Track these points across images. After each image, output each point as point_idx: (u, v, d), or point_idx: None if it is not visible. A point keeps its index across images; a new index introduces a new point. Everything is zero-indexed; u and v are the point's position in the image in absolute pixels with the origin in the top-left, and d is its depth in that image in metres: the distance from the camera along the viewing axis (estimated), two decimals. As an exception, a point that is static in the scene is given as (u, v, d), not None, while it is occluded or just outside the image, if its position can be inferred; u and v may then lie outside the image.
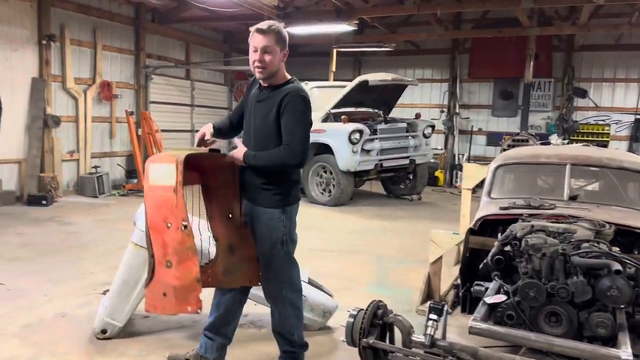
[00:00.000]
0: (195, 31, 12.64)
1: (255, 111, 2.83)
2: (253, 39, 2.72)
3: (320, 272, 4.97)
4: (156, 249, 2.55)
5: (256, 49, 2.71)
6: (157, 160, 2.63)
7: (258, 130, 2.81)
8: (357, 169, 8.80)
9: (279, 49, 2.73)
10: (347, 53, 13.13)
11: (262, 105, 2.80)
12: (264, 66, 2.70)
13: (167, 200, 2.48)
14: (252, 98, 2.89)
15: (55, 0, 8.94)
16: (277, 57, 2.73)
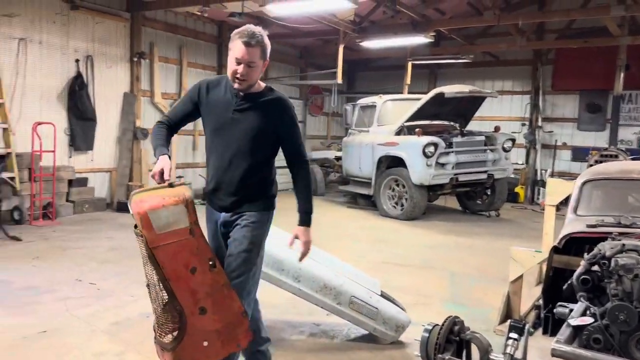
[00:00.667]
0: (274, 48, 12.88)
1: (235, 121, 2.63)
2: (236, 49, 2.52)
3: (392, 285, 4.92)
4: (183, 299, 2.27)
5: (239, 62, 2.52)
6: (155, 205, 2.23)
7: (241, 140, 2.62)
8: (431, 182, 8.65)
9: (262, 62, 2.59)
10: (423, 65, 13.01)
11: (244, 114, 2.63)
12: (245, 79, 2.55)
13: (185, 245, 2.27)
14: (224, 105, 2.65)
15: (146, 20, 9.61)
16: (260, 70, 2.60)
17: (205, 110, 2.71)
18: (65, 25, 8.31)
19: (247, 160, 2.64)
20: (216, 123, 2.67)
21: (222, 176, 2.66)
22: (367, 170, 9.81)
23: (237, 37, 2.53)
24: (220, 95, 2.68)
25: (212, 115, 2.68)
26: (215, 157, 2.70)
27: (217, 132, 2.67)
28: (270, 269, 3.45)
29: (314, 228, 6.02)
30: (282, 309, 4.28)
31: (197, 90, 2.72)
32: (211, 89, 2.70)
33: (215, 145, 2.70)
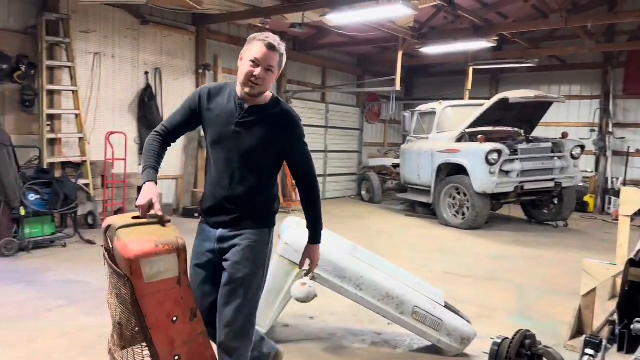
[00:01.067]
0: (331, 56, 13.18)
1: (238, 134, 2.41)
2: (257, 50, 2.32)
3: (456, 297, 4.83)
4: (160, 347, 2.16)
5: (258, 64, 2.32)
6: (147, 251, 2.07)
7: (244, 156, 2.42)
8: (495, 191, 8.40)
9: (277, 71, 2.41)
10: (484, 70, 12.70)
11: (248, 128, 2.41)
12: (259, 84, 2.35)
13: (170, 294, 2.14)
14: (226, 116, 2.43)
15: (210, 33, 9.97)
16: (274, 79, 2.43)
17: (205, 120, 2.48)
18: (135, 39, 8.77)
19: (249, 178, 2.44)
20: (216, 135, 2.45)
21: (222, 192, 2.46)
22: (426, 177, 9.67)
23: (259, 39, 2.35)
24: (222, 104, 2.46)
25: (213, 127, 2.46)
26: (215, 172, 2.50)
27: (217, 145, 2.46)
28: (332, 276, 3.47)
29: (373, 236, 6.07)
30: (342, 316, 4.29)
31: (197, 97, 2.49)
32: (213, 96, 2.48)
33: (215, 158, 2.49)
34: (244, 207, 2.47)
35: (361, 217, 10.12)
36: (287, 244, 3.50)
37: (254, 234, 2.47)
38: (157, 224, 2.23)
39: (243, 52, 2.40)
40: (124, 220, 2.22)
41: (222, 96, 2.47)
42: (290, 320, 4.13)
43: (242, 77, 2.36)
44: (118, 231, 2.13)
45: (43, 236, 6.41)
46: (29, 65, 7.21)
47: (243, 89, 2.39)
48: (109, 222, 2.25)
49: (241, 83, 2.39)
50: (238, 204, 2.46)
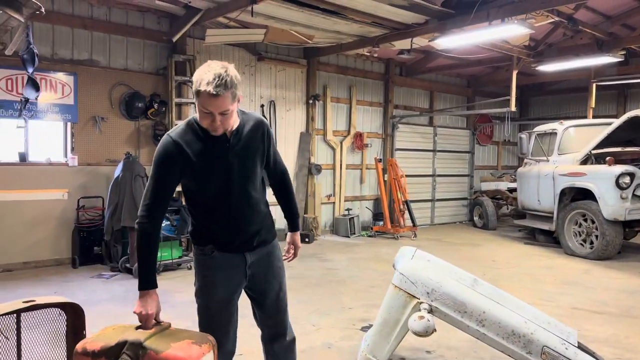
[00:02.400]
0: (439, 79, 12.98)
1: (232, 160, 2.40)
2: (203, 101, 2.22)
3: (588, 336, 4.43)
4: None
5: (211, 113, 2.24)
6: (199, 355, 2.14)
7: (243, 174, 2.45)
8: (627, 218, 7.63)
9: (235, 104, 2.31)
10: (610, 86, 11.70)
11: (239, 150, 2.42)
12: (222, 126, 2.31)
13: None
14: (211, 151, 2.37)
15: (320, 65, 10.33)
16: (235, 112, 2.34)
17: (189, 169, 2.37)
18: (252, 75, 9.35)
19: (247, 190, 2.48)
20: (208, 173, 2.40)
21: (235, 217, 2.48)
22: (547, 203, 9.04)
23: (200, 85, 2.19)
24: (200, 144, 2.37)
25: (201, 170, 2.38)
26: (215, 204, 2.46)
27: (210, 181, 2.41)
28: (452, 310, 3.35)
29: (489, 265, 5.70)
30: (461, 351, 4.11)
31: (173, 155, 2.34)
32: (184, 145, 2.35)
33: (209, 194, 2.44)
34: (258, 224, 2.56)
35: (475, 244, 9.70)
36: (404, 275, 3.45)
37: (275, 247, 2.68)
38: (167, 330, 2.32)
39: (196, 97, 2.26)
40: (138, 334, 2.20)
41: (191, 137, 2.37)
42: (406, 353, 4.05)
43: (204, 125, 2.31)
44: (147, 343, 2.14)
45: (172, 259, 6.96)
46: (160, 103, 7.99)
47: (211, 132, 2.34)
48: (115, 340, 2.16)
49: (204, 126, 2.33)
50: (253, 222, 2.53)
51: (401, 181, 10.55)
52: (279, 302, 2.71)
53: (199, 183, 2.43)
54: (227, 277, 2.53)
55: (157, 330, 2.29)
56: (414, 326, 3.22)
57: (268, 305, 2.69)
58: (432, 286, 3.38)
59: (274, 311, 2.71)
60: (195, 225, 2.57)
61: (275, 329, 2.78)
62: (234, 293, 2.58)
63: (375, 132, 11.57)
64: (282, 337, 2.80)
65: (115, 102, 7.77)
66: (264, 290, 2.65)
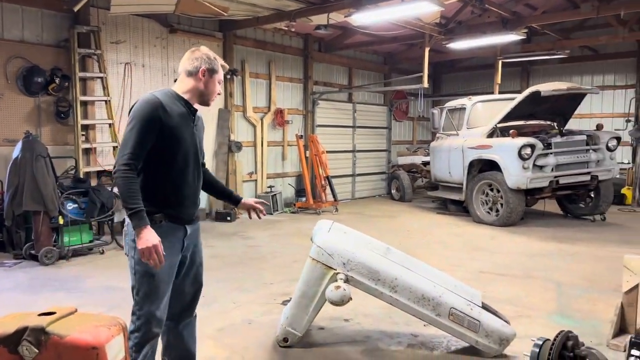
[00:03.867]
0: (357, 56, 13.14)
1: (194, 133, 2.71)
2: (221, 74, 2.77)
3: (493, 297, 4.76)
4: None
5: (220, 82, 2.80)
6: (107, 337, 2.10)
7: (200, 149, 2.81)
8: (529, 186, 8.23)
9: None
10: (514, 63, 12.45)
11: (197, 127, 2.77)
12: None
13: None
14: (185, 122, 2.63)
15: (237, 38, 10.08)
16: None
17: (167, 128, 2.54)
18: (164, 48, 8.94)
19: (199, 169, 2.80)
20: (179, 139, 2.60)
21: (188, 189, 2.69)
22: (457, 174, 9.54)
23: (222, 64, 2.76)
24: (177, 111, 2.61)
25: (175, 132, 2.58)
26: (176, 173, 2.63)
27: (179, 147, 2.61)
28: (366, 278, 3.46)
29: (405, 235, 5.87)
30: (377, 318, 4.27)
31: (158, 112, 2.52)
32: (167, 106, 2.56)
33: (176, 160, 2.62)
34: (198, 199, 2.83)
35: (392, 216, 10.06)
36: (321, 248, 3.51)
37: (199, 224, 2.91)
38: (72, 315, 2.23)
39: (215, 73, 2.69)
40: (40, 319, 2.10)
41: (172, 104, 2.61)
42: (325, 323, 4.14)
43: (213, 95, 2.74)
44: (50, 328, 2.05)
45: (81, 244, 6.60)
46: (62, 77, 7.43)
47: (204, 101, 2.73)
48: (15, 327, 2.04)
49: (211, 99, 2.75)
50: (198, 197, 2.81)
51: (322, 157, 10.66)
52: (198, 276, 2.89)
53: (167, 142, 2.56)
54: (170, 247, 2.60)
55: (60, 315, 2.18)
56: (330, 296, 3.30)
57: (190, 276, 2.83)
58: (347, 257, 3.48)
59: (193, 282, 2.86)
60: (148, 195, 2.55)
61: (187, 304, 2.88)
62: (176, 262, 2.69)
63: (296, 109, 11.55)
64: (189, 315, 2.92)
65: (11, 77, 7.12)
66: (192, 261, 2.82)
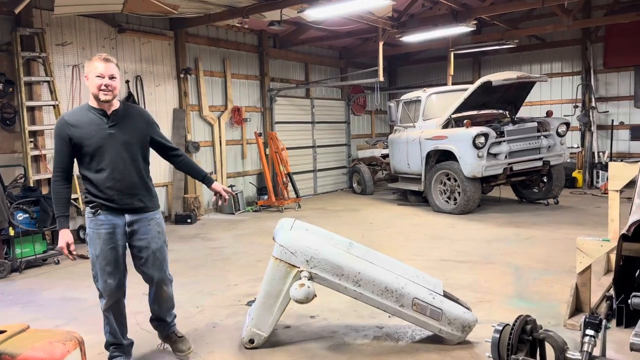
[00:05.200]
0: (313, 51, 13.14)
1: (115, 135, 3.14)
2: (96, 68, 3.07)
3: (454, 284, 4.86)
4: None
5: (102, 76, 3.06)
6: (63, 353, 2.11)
7: (128, 150, 3.18)
8: (484, 174, 8.44)
9: (119, 77, 3.18)
10: (466, 54, 12.73)
11: (119, 128, 3.15)
12: (111, 90, 3.10)
13: None
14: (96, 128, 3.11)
15: (189, 36, 9.89)
16: (119, 84, 3.21)
17: (79, 140, 3.09)
18: (114, 48, 8.67)
19: (136, 163, 3.22)
20: (96, 144, 3.09)
21: (115, 183, 3.15)
22: (415, 166, 9.70)
23: (93, 61, 3.10)
24: (86, 121, 3.11)
25: (89, 140, 3.08)
26: (107, 170, 3.12)
27: (99, 151, 3.11)
28: (330, 274, 3.47)
29: (367, 228, 5.80)
30: (343, 313, 4.29)
31: (63, 130, 3.10)
32: (73, 122, 3.11)
33: (99, 161, 3.12)
34: (141, 192, 3.25)
35: (354, 209, 10.14)
36: (283, 246, 3.49)
37: (157, 212, 3.39)
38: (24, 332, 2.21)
39: (87, 73, 3.11)
40: None
41: (82, 117, 3.13)
42: (291, 321, 4.13)
43: (95, 89, 3.07)
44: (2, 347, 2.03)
45: (35, 255, 6.35)
46: (6, 82, 7.12)
47: (99, 98, 3.09)
48: None
49: (96, 95, 3.09)
50: (137, 189, 3.22)
51: (282, 154, 10.61)
52: (154, 260, 3.35)
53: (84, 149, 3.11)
54: (109, 233, 3.18)
55: (11, 333, 2.12)
56: (295, 294, 3.29)
57: (141, 257, 3.34)
58: (310, 254, 3.47)
59: (148, 264, 3.35)
60: (87, 190, 3.20)
61: (148, 277, 3.43)
62: (116, 244, 3.21)
63: (254, 106, 11.45)
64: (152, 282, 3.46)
65: (-51, 84, 6.77)
66: (138, 246, 3.30)
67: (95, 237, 3.18)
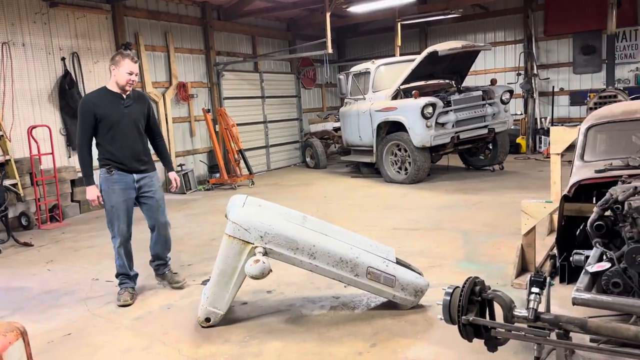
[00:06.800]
0: (260, 23, 12.84)
1: (128, 114, 4.08)
2: (130, 66, 3.99)
3: (406, 251, 4.97)
4: None
5: (132, 73, 4.01)
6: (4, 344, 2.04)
7: (137, 125, 4.13)
8: (433, 143, 8.60)
9: (112, 73, 4.06)
10: (412, 25, 12.80)
11: (131, 108, 4.10)
12: (133, 83, 4.06)
13: None
14: (115, 107, 4.02)
15: (127, 9, 9.43)
16: (113, 80, 4.06)
17: (101, 116, 3.99)
18: (46, 24, 8.16)
19: (141, 136, 4.20)
20: (114, 120, 4.03)
21: (125, 149, 4.08)
22: (367, 138, 9.76)
23: (125, 58, 4.00)
24: (107, 102, 4.02)
25: (109, 116, 4.00)
26: (121, 139, 4.05)
27: (116, 124, 4.04)
28: (284, 249, 3.46)
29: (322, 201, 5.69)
30: (299, 285, 4.32)
31: (89, 108, 3.99)
32: (96, 102, 4.01)
33: (115, 133, 4.04)
34: (145, 157, 4.21)
35: (308, 184, 10.14)
36: (236, 223, 3.44)
37: (155, 174, 4.34)
38: None
39: (118, 66, 3.98)
40: None
41: (103, 98, 4.04)
42: (248, 297, 4.12)
43: (124, 82, 4.01)
44: None
45: (-26, 245, 6.01)
46: None
47: (124, 88, 4.04)
48: None
49: (122, 85, 4.02)
50: (142, 155, 4.18)
51: (233, 130, 10.41)
52: (157, 205, 4.30)
53: (104, 123, 4.02)
54: (123, 187, 4.09)
55: None
56: (250, 271, 3.27)
57: (149, 205, 4.26)
58: (264, 229, 3.44)
59: (154, 210, 4.30)
60: (104, 156, 4.08)
61: (154, 222, 4.36)
62: (127, 198, 4.13)
63: (200, 82, 11.13)
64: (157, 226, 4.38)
65: None
66: (147, 197, 4.24)
67: (111, 192, 4.06)
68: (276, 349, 3.25)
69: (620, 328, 2.14)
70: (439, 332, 3.29)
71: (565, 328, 2.22)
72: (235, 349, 3.28)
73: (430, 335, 3.30)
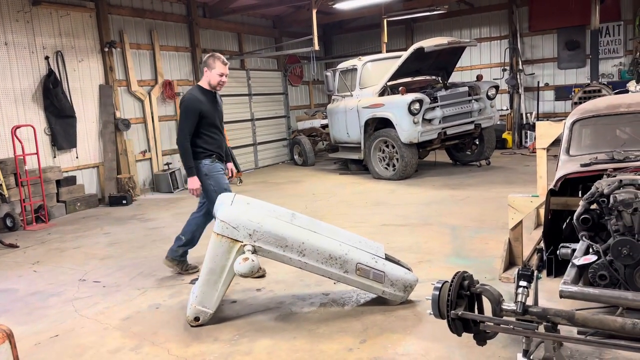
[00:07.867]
0: (245, 20, 12.77)
1: (219, 111, 4.63)
2: (221, 68, 4.41)
3: (395, 247, 4.99)
4: None
5: (223, 74, 4.45)
6: None
7: (220, 119, 4.60)
8: (420, 139, 8.64)
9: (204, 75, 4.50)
10: (398, 21, 12.82)
11: (219, 106, 4.65)
12: (223, 85, 4.51)
13: None
14: (212, 105, 4.50)
15: (111, 7, 9.32)
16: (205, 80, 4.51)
17: (204, 113, 4.42)
18: (29, 22, 8.04)
19: (222, 130, 4.67)
20: (212, 116, 4.49)
21: (221, 142, 4.62)
22: (355, 134, 9.77)
23: (219, 61, 4.42)
24: (207, 100, 4.48)
25: (209, 113, 4.46)
26: (215, 134, 4.54)
27: (212, 120, 4.50)
28: (273, 246, 3.46)
29: (310, 198, 5.71)
30: (289, 283, 4.31)
31: (197, 105, 4.39)
32: (201, 99, 4.43)
33: (213, 127, 4.51)
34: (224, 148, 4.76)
35: (297, 181, 10.13)
36: (225, 222, 3.43)
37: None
38: None
39: (212, 67, 4.41)
40: None
41: (202, 95, 4.46)
42: (237, 296, 4.10)
43: (215, 82, 4.46)
44: None
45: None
46: None
47: (215, 88, 4.51)
48: None
49: (213, 85, 4.48)
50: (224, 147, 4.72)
51: (219, 128, 10.34)
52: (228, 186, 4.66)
53: (205, 119, 4.44)
54: (220, 170, 4.59)
55: None
56: (239, 269, 3.25)
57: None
58: (253, 227, 3.43)
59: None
60: (204, 147, 4.50)
61: None
62: (224, 177, 4.62)
63: (186, 79, 11.05)
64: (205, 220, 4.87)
65: None
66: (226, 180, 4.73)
67: (220, 177, 4.53)
68: (266, 347, 3.25)
69: (607, 320, 2.17)
70: (429, 326, 3.31)
71: (553, 321, 2.24)
72: (224, 348, 3.27)
73: (419, 330, 3.32)
